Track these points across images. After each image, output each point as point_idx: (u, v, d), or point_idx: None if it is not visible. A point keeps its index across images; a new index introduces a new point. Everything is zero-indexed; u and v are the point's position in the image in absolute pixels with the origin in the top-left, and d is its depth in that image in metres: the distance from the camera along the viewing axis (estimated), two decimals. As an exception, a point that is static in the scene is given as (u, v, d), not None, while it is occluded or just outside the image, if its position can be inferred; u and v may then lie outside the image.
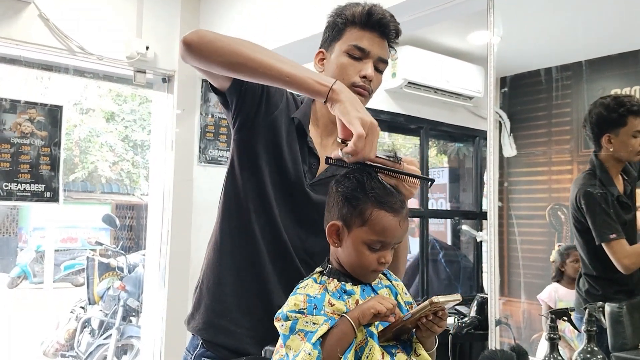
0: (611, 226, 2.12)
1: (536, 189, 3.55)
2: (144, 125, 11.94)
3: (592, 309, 1.77)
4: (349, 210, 1.08)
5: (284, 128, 1.32)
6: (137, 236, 13.18)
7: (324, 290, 1.06)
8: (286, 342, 1.01)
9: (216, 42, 1.16)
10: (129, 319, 4.31)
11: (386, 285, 1.15)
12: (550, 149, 3.53)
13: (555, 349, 1.67)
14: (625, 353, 1.99)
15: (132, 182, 12.38)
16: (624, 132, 2.08)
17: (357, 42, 1.29)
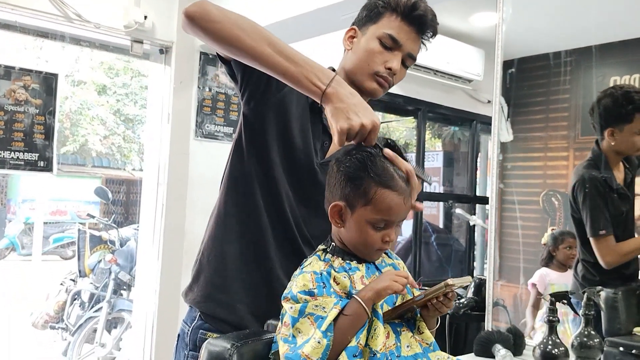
0: (602, 222, 2.12)
1: (531, 175, 3.54)
2: (136, 99, 11.84)
3: (590, 293, 1.78)
4: (352, 190, 1.06)
5: (295, 104, 1.28)
6: (126, 211, 13.14)
7: (329, 267, 1.04)
8: (295, 324, 0.99)
9: (217, 24, 1.10)
10: (120, 292, 4.29)
11: (389, 263, 1.14)
12: (547, 134, 3.52)
13: (553, 332, 1.68)
14: (619, 338, 2.01)
15: (123, 156, 12.30)
16: (628, 129, 2.07)
17: (393, 32, 1.26)
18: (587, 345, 1.76)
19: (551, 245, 2.64)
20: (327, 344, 0.95)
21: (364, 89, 1.28)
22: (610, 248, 2.11)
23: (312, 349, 0.94)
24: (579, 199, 2.16)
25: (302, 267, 1.06)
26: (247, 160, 1.28)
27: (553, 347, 1.68)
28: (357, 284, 1.04)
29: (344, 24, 2.69)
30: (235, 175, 1.30)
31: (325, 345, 0.95)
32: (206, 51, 3.16)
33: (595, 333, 1.79)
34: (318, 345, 0.95)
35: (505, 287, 3.25)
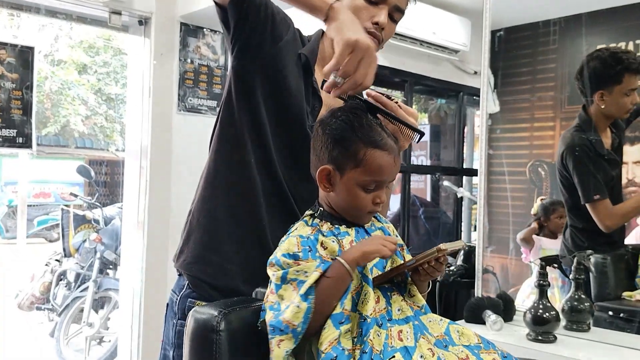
0: (596, 187, 2.11)
1: (518, 145, 3.54)
2: (117, 78, 11.66)
3: (580, 257, 1.78)
4: (340, 153, 1.03)
5: (289, 62, 1.24)
6: (111, 192, 13.00)
7: (317, 232, 1.01)
8: (278, 291, 0.97)
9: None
10: (106, 271, 4.25)
11: (379, 227, 1.11)
12: (533, 104, 3.51)
13: (544, 295, 1.67)
14: (608, 303, 2.01)
15: (106, 137, 12.14)
16: (618, 90, 2.05)
17: None
18: (577, 309, 1.77)
19: (542, 215, 2.64)
20: (308, 307, 0.92)
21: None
22: (608, 211, 2.10)
23: (292, 313, 0.92)
24: (569, 165, 2.14)
25: (289, 232, 1.04)
26: (237, 120, 1.23)
27: (544, 311, 1.68)
28: (347, 247, 1.01)
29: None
30: (225, 134, 1.26)
31: (305, 308, 0.92)
32: (187, 22, 3.08)
33: (585, 297, 1.79)
34: (297, 309, 0.92)
35: (494, 258, 3.26)
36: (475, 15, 3.68)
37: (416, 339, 0.97)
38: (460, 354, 0.98)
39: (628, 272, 2.09)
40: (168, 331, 1.28)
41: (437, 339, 0.99)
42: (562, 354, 1.58)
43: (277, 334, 0.92)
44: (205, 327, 0.99)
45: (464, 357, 0.97)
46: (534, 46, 3.46)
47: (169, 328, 1.28)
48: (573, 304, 1.77)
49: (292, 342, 0.92)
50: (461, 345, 0.99)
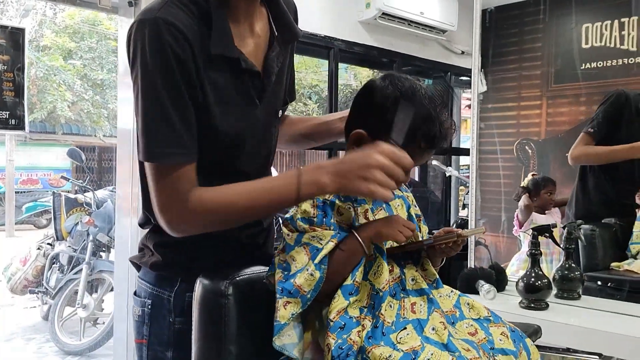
0: (598, 123, 2.21)
1: (505, 124, 3.59)
2: (103, 63, 11.56)
3: (571, 227, 1.83)
4: (382, 122, 1.02)
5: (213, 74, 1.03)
6: (99, 178, 12.95)
7: (334, 196, 1.02)
8: (290, 252, 0.98)
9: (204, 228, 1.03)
10: (99, 254, 4.26)
11: (399, 196, 1.12)
12: (520, 84, 3.56)
13: (536, 264, 1.72)
14: (597, 273, 2.08)
15: (92, 122, 12.05)
16: None
17: None
18: (568, 278, 1.83)
19: (532, 190, 2.70)
20: (320, 277, 0.94)
21: None
22: (584, 145, 2.22)
23: (304, 280, 0.94)
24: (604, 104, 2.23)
25: None
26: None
27: (536, 280, 1.73)
28: (361, 217, 1.03)
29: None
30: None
31: (318, 277, 0.94)
32: (177, 3, 3.07)
33: (576, 266, 1.85)
34: (311, 277, 0.94)
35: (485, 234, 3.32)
36: (463, -5, 3.72)
37: (429, 312, 0.99)
38: (470, 327, 1.01)
39: (616, 244, 2.16)
40: (160, 331, 1.14)
41: (447, 314, 1.02)
42: (554, 320, 1.64)
43: (285, 296, 0.95)
44: (214, 293, 1.01)
45: (472, 331, 1.00)
46: (521, 25, 3.50)
47: (160, 327, 1.14)
48: (564, 273, 1.83)
49: (300, 306, 0.95)
50: (470, 319, 1.02)
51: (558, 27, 3.39)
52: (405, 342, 0.93)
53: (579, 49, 3.14)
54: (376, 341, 0.93)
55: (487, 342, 1.00)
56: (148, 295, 1.16)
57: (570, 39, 3.22)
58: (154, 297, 1.15)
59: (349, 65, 6.56)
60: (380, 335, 0.93)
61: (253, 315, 1.03)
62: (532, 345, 1.06)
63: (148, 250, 1.16)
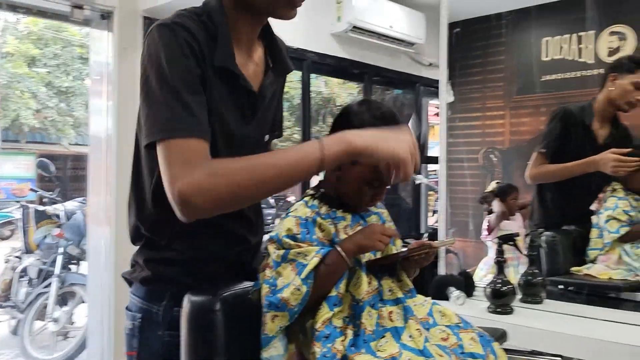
0: (548, 143, 2.31)
1: (471, 134, 3.71)
2: (68, 70, 11.39)
3: (533, 235, 1.93)
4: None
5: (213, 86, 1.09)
6: (64, 188, 12.71)
7: (315, 214, 1.10)
8: (277, 268, 1.05)
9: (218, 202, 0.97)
10: (69, 267, 4.22)
11: (374, 212, 1.20)
12: (485, 95, 3.69)
13: (502, 271, 1.82)
14: (558, 277, 2.19)
15: (57, 130, 11.85)
16: (627, 78, 2.22)
17: None
18: (531, 283, 1.93)
19: (501, 196, 2.81)
20: (307, 291, 1.01)
21: (275, 15, 1.14)
22: (537, 165, 2.32)
23: (291, 294, 1.00)
24: (549, 119, 2.33)
25: (289, 211, 1.12)
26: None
27: (502, 285, 1.83)
28: (341, 233, 1.10)
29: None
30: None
31: (304, 292, 1.01)
32: (150, 15, 3.10)
33: (539, 272, 1.95)
34: (297, 292, 1.01)
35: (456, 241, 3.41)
36: (429, 9, 3.83)
37: (405, 320, 1.07)
38: (442, 333, 1.09)
39: (576, 249, 2.27)
40: (149, 343, 1.18)
41: (422, 321, 1.10)
42: (519, 324, 1.73)
43: (273, 310, 1.01)
44: (202, 309, 1.07)
45: (445, 337, 1.08)
46: (485, 39, 3.63)
47: (150, 340, 1.18)
48: (528, 279, 1.93)
49: (287, 319, 1.01)
50: (443, 325, 1.10)
51: (519, 41, 3.52)
52: (385, 350, 1.00)
53: (539, 62, 3.27)
54: (358, 349, 1.00)
55: (458, 347, 1.08)
56: (138, 309, 1.20)
57: (531, 52, 3.35)
58: (144, 311, 1.18)
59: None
60: (362, 343, 1.00)
61: (240, 329, 1.08)
62: (499, 348, 1.14)
63: (139, 266, 1.21)
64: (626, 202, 2.19)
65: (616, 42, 2.88)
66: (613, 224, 2.15)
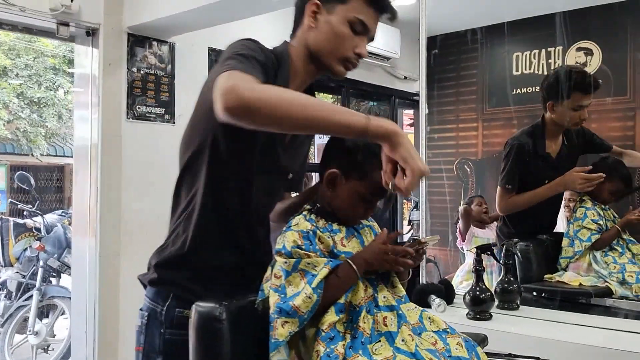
0: (512, 178, 2.41)
1: (446, 145, 3.84)
2: (40, 81, 11.26)
3: (508, 244, 2.05)
4: (351, 162, 1.20)
5: None
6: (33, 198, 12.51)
7: (314, 227, 1.19)
8: (287, 277, 1.13)
9: (262, 110, 1.06)
10: (49, 279, 4.22)
11: (366, 225, 1.30)
12: (458, 108, 3.82)
13: (480, 279, 1.92)
14: (532, 284, 2.31)
15: (29, 141, 11.70)
16: (566, 104, 2.33)
17: (364, 18, 1.28)
18: (507, 290, 2.04)
19: (468, 204, 2.96)
20: (317, 299, 1.10)
21: (331, 71, 1.31)
22: (506, 200, 2.43)
23: (302, 302, 1.09)
24: (504, 152, 2.44)
25: (290, 225, 1.20)
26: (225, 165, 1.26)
27: (481, 293, 1.93)
28: (338, 245, 1.20)
29: (277, 6, 2.79)
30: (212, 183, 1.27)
31: (315, 300, 1.10)
32: (134, 32, 3.16)
33: (514, 279, 2.06)
34: (308, 300, 1.09)
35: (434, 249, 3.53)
36: (404, 25, 3.95)
37: (399, 325, 1.16)
38: (431, 339, 1.18)
39: (548, 258, 2.40)
40: (153, 340, 1.29)
41: (413, 327, 1.19)
42: (497, 329, 1.83)
43: (284, 316, 1.09)
44: (209, 318, 1.14)
45: (433, 342, 1.17)
46: (459, 53, 3.77)
47: (153, 337, 1.29)
48: (504, 286, 2.04)
49: (297, 325, 1.09)
50: (431, 331, 1.20)
51: (492, 56, 3.66)
52: (380, 353, 1.09)
53: (511, 76, 3.41)
54: (355, 351, 1.09)
55: (445, 351, 1.17)
56: (146, 308, 1.32)
57: (503, 66, 3.49)
58: (150, 310, 1.30)
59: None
60: (360, 345, 1.09)
61: (244, 336, 1.16)
62: (482, 352, 1.24)
63: (151, 268, 1.33)
64: (594, 212, 2.32)
65: (583, 57, 3.02)
66: (584, 232, 2.28)
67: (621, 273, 2.22)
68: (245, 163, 1.25)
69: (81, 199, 3.19)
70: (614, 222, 2.33)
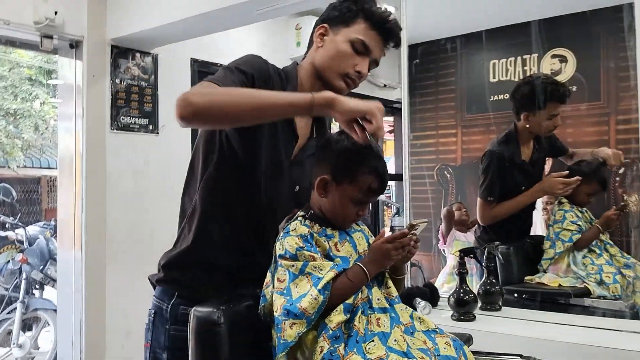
0: (492, 190, 2.49)
1: (426, 151, 3.91)
2: (16, 92, 11.14)
3: (490, 247, 2.11)
4: (341, 167, 1.26)
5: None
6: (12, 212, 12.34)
7: (311, 231, 1.24)
8: (294, 279, 1.18)
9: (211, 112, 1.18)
10: (32, 292, 4.19)
11: (358, 229, 1.35)
12: (437, 114, 3.89)
13: (464, 282, 1.98)
14: (513, 286, 2.38)
15: (5, 153, 11.55)
16: (541, 114, 2.41)
17: (365, 39, 1.36)
18: (490, 292, 2.10)
19: (451, 209, 3.04)
20: (323, 301, 1.15)
21: (332, 86, 1.38)
22: (487, 212, 2.51)
23: (309, 303, 1.14)
24: (482, 166, 2.50)
25: (288, 230, 1.25)
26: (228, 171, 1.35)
27: (464, 295, 1.99)
28: (333, 249, 1.25)
29: (259, 18, 2.84)
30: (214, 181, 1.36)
31: (321, 301, 1.15)
32: (117, 44, 3.19)
33: (496, 281, 2.13)
34: (315, 301, 1.14)
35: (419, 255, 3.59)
36: (384, 34, 4.03)
37: (391, 326, 1.21)
38: (421, 338, 1.23)
39: (528, 260, 2.47)
40: (158, 336, 1.38)
41: (405, 327, 1.24)
42: (481, 329, 1.89)
43: (291, 318, 1.13)
44: (208, 322, 1.18)
45: (423, 341, 1.23)
46: (438, 60, 3.84)
47: (159, 333, 1.38)
48: (486, 288, 2.10)
49: (305, 326, 1.14)
50: (421, 332, 1.25)
51: (469, 63, 3.74)
52: (373, 352, 1.14)
53: (488, 83, 3.49)
54: (350, 349, 1.13)
55: (434, 350, 1.23)
56: (153, 306, 1.41)
57: (481, 73, 3.57)
58: (157, 307, 1.40)
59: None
60: (354, 343, 1.14)
61: (242, 339, 1.21)
62: (468, 351, 1.30)
63: (159, 269, 1.41)
64: (572, 213, 2.40)
65: (557, 64, 3.11)
66: (565, 234, 2.35)
67: (599, 274, 2.29)
68: (249, 168, 1.34)
69: (66, 210, 3.20)
70: (590, 224, 2.41)
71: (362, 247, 1.31)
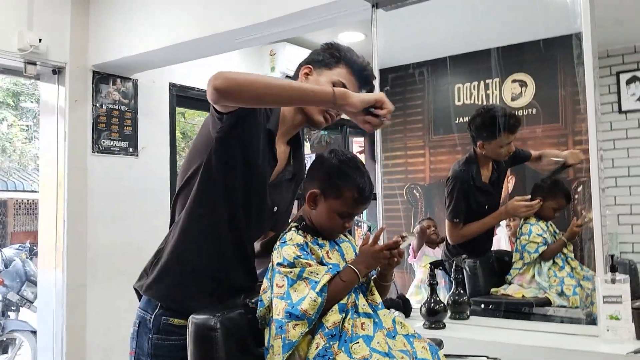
0: (459, 211, 2.67)
1: (395, 171, 4.07)
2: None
3: (458, 260, 2.27)
4: (329, 183, 1.40)
5: (259, 133, 1.46)
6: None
7: (305, 241, 1.38)
8: (292, 285, 1.30)
9: (244, 88, 1.30)
10: (8, 314, 4.19)
11: (345, 240, 1.49)
12: (406, 135, 4.06)
13: (434, 292, 2.13)
14: (480, 297, 2.54)
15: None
16: (494, 143, 2.60)
17: (345, 82, 1.52)
18: (458, 302, 2.25)
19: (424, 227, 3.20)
20: (322, 302, 1.28)
21: (312, 120, 1.54)
22: (456, 232, 2.69)
23: (309, 305, 1.27)
24: (447, 189, 2.67)
25: (284, 240, 1.38)
26: (215, 184, 1.44)
27: (435, 305, 2.14)
28: (325, 257, 1.39)
29: (238, 46, 2.98)
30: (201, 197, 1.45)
31: (320, 302, 1.28)
32: (99, 70, 3.29)
33: (464, 292, 2.28)
34: (314, 303, 1.27)
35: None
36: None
37: (374, 330, 1.34)
38: (401, 341, 1.37)
39: (493, 272, 2.64)
40: (142, 344, 1.47)
41: (387, 331, 1.37)
42: (451, 336, 2.04)
43: (294, 319, 1.26)
44: (205, 327, 1.30)
45: (403, 344, 1.36)
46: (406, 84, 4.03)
47: (143, 341, 1.47)
48: (455, 298, 2.25)
49: (307, 326, 1.27)
50: (401, 335, 1.38)
51: (436, 87, 3.93)
52: (358, 352, 1.27)
53: (453, 106, 3.68)
54: (338, 347, 1.27)
55: (413, 353, 1.37)
56: (137, 317, 1.49)
57: (447, 97, 3.75)
58: (141, 318, 1.48)
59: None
60: (343, 343, 1.28)
61: (235, 343, 1.33)
62: (442, 355, 1.44)
63: (143, 276, 1.50)
64: (538, 227, 2.56)
65: (518, 88, 3.30)
66: (532, 245, 2.52)
67: (560, 286, 2.45)
68: (233, 180, 1.44)
69: (47, 231, 3.26)
70: (554, 236, 2.58)
71: (349, 255, 1.45)
